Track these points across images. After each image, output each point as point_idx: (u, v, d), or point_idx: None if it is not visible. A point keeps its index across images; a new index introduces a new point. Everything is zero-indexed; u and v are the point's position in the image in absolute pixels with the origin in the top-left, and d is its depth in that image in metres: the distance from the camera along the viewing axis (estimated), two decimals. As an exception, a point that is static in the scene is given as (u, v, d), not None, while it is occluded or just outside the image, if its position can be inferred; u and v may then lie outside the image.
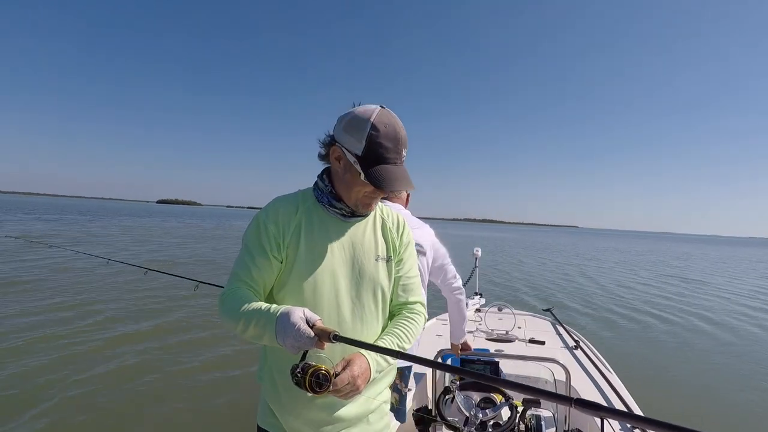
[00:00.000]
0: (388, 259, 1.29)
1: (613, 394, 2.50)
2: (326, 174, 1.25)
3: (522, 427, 2.26)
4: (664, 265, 22.79)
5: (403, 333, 1.23)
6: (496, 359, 2.49)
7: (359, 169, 1.13)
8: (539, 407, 2.39)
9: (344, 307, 1.20)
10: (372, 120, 1.12)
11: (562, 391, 2.48)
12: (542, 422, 2.23)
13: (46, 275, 8.65)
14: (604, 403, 2.41)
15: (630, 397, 2.50)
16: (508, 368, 2.77)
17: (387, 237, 1.31)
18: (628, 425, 2.21)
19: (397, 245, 1.31)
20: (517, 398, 2.42)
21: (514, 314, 3.85)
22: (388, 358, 1.15)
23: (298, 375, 0.98)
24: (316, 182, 1.28)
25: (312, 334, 0.98)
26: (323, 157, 1.25)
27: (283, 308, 1.03)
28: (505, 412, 2.38)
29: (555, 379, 2.63)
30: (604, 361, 3.13)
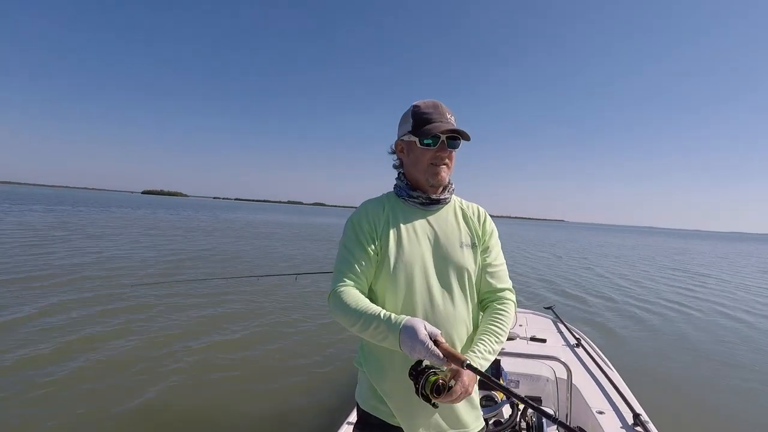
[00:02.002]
0: (473, 245, 1.38)
1: (615, 392, 2.52)
2: (400, 173, 1.44)
3: (523, 424, 2.26)
4: (660, 259, 22.89)
5: (500, 328, 1.31)
6: (498, 357, 2.48)
7: (414, 138, 1.32)
8: (540, 405, 2.38)
9: (435, 290, 1.30)
10: (413, 104, 1.37)
11: (563, 388, 2.49)
12: (543, 420, 2.24)
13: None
14: (605, 401, 2.43)
15: (631, 394, 2.52)
16: (510, 366, 2.77)
17: (469, 225, 1.41)
18: (630, 423, 2.21)
19: (480, 233, 1.41)
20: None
21: (515, 312, 3.86)
22: (489, 358, 1.24)
23: (419, 383, 1.11)
24: (395, 183, 1.44)
25: (441, 355, 1.07)
26: (396, 166, 1.45)
27: (405, 320, 1.13)
28: (506, 410, 2.38)
29: (556, 377, 2.64)
30: (606, 359, 3.15)
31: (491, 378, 1.09)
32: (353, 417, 2.38)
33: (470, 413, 1.34)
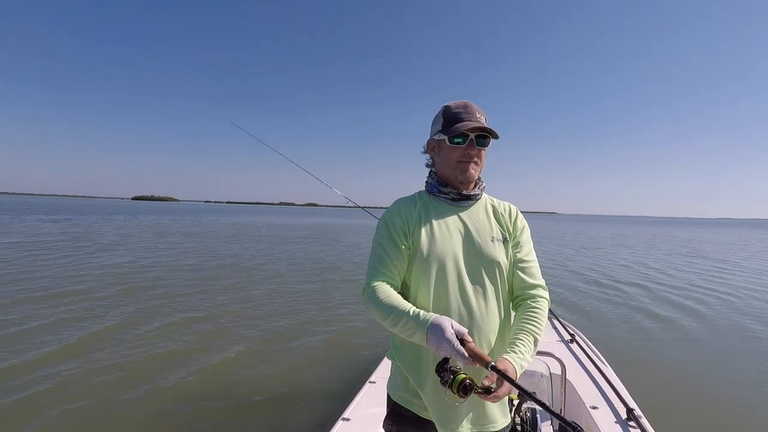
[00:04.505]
0: (504, 240, 1.40)
1: (608, 387, 2.54)
2: (431, 171, 1.48)
3: (518, 420, 2.27)
4: (653, 250, 22.52)
5: (536, 328, 1.32)
6: None
7: (444, 136, 1.36)
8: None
9: (466, 283, 1.32)
10: (444, 104, 1.41)
11: (557, 384, 2.51)
12: (537, 415, 2.25)
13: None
14: (599, 396, 2.44)
15: (625, 389, 2.54)
16: None
17: (500, 220, 1.43)
18: (623, 418, 2.23)
19: (512, 229, 1.43)
20: (513, 392, 2.42)
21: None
22: (528, 360, 1.25)
23: (448, 380, 1.12)
24: (426, 181, 1.49)
25: (467, 354, 1.10)
26: (429, 165, 1.50)
27: (433, 318, 1.16)
28: None
29: (551, 373, 2.65)
30: (599, 354, 3.18)
31: (514, 382, 1.09)
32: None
33: (500, 409, 1.37)
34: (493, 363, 1.09)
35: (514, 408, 2.29)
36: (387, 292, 1.28)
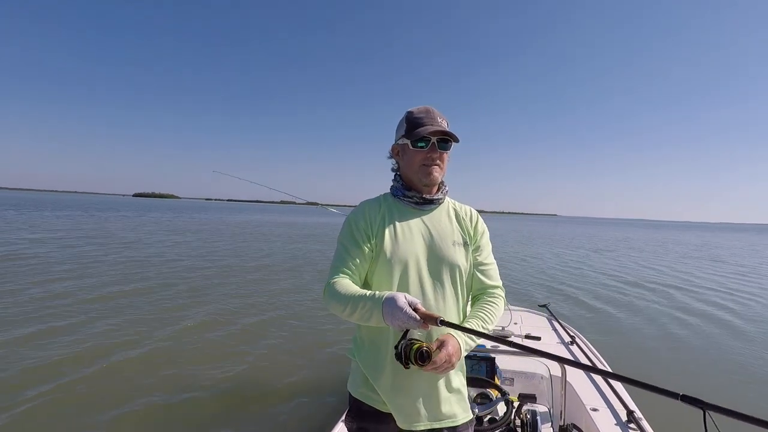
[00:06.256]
0: (465, 244, 1.45)
1: (609, 390, 2.54)
2: (397, 175, 1.52)
3: (518, 422, 2.27)
4: (654, 254, 22.51)
5: (486, 315, 1.39)
6: (492, 355, 2.49)
7: (407, 141, 1.41)
8: (534, 402, 2.40)
9: (427, 285, 1.37)
10: (407, 110, 1.46)
11: (557, 386, 2.51)
12: (538, 417, 2.25)
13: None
14: (599, 398, 2.44)
15: (625, 391, 2.55)
16: (505, 364, 2.78)
17: (462, 224, 1.49)
18: (624, 420, 2.23)
19: (472, 233, 1.49)
20: (513, 394, 2.43)
21: (510, 310, 3.87)
22: (474, 338, 1.33)
23: (404, 349, 1.17)
24: (392, 185, 1.52)
25: (417, 317, 1.17)
26: (394, 169, 1.53)
27: (387, 294, 1.22)
28: (501, 408, 2.39)
29: (551, 375, 2.66)
30: (600, 356, 3.19)
31: (466, 328, 1.19)
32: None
33: (458, 404, 1.40)
34: (442, 318, 1.16)
35: (514, 410, 2.29)
36: (346, 285, 1.32)
